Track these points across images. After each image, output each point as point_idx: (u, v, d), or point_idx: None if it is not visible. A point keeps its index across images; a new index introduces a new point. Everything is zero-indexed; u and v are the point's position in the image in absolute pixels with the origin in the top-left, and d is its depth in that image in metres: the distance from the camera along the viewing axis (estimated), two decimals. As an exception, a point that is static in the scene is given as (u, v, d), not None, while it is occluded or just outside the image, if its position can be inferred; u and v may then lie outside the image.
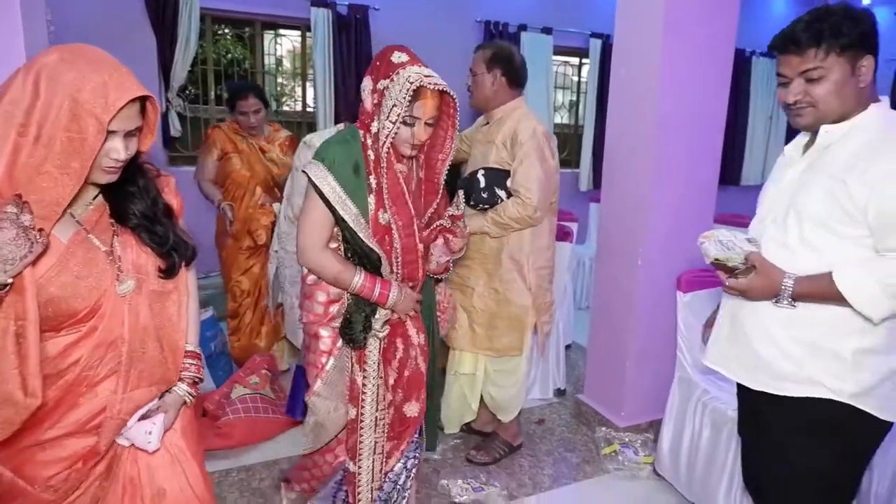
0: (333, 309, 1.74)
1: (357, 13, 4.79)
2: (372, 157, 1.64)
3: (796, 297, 1.37)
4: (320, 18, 4.66)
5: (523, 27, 5.51)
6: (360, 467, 1.79)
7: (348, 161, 1.63)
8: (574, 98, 6.28)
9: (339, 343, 1.75)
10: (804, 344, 1.39)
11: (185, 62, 4.35)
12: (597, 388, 2.96)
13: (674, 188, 2.61)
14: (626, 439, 2.70)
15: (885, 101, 1.40)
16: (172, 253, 1.22)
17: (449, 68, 2.32)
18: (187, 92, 4.82)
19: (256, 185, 3.10)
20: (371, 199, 1.64)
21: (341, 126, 1.94)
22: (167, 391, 1.28)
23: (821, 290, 1.33)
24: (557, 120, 6.18)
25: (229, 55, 5.99)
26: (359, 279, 1.67)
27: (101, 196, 1.18)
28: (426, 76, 1.56)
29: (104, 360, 1.14)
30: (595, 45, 5.68)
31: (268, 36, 5.06)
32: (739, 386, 1.58)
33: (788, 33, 1.37)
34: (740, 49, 5.81)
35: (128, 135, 1.08)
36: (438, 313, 1.98)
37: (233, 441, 2.56)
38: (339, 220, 1.64)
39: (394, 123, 1.57)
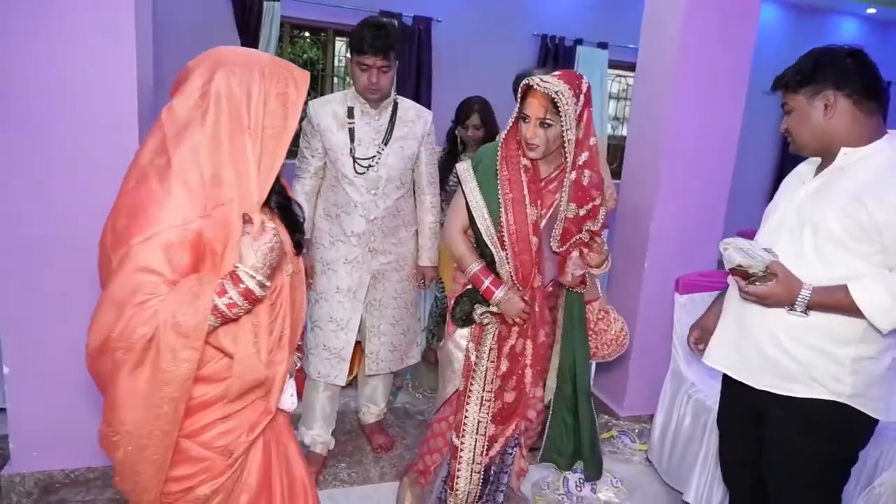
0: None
1: (421, 24, 5.18)
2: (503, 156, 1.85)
3: (811, 307, 1.44)
4: (387, 28, 5.09)
5: (579, 41, 5.74)
6: (462, 442, 1.93)
7: (493, 163, 1.84)
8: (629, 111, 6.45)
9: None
10: (810, 348, 1.49)
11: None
12: (603, 381, 3.21)
13: (681, 202, 2.83)
14: (625, 427, 2.94)
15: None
16: (297, 232, 1.31)
17: (506, 80, 2.61)
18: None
19: None
20: (501, 201, 1.82)
21: None
22: None
23: (835, 301, 1.42)
24: (609, 132, 6.37)
25: (305, 56, 6.52)
26: (475, 267, 1.87)
27: None
28: (541, 78, 1.71)
29: (274, 332, 1.22)
30: (649, 61, 5.84)
31: (340, 41, 5.53)
32: (730, 384, 1.69)
33: (776, 77, 1.58)
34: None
35: None
36: (590, 333, 2.03)
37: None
38: (469, 213, 1.86)
39: (512, 119, 1.80)
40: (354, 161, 2.20)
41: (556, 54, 5.66)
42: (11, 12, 1.93)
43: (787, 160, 6.51)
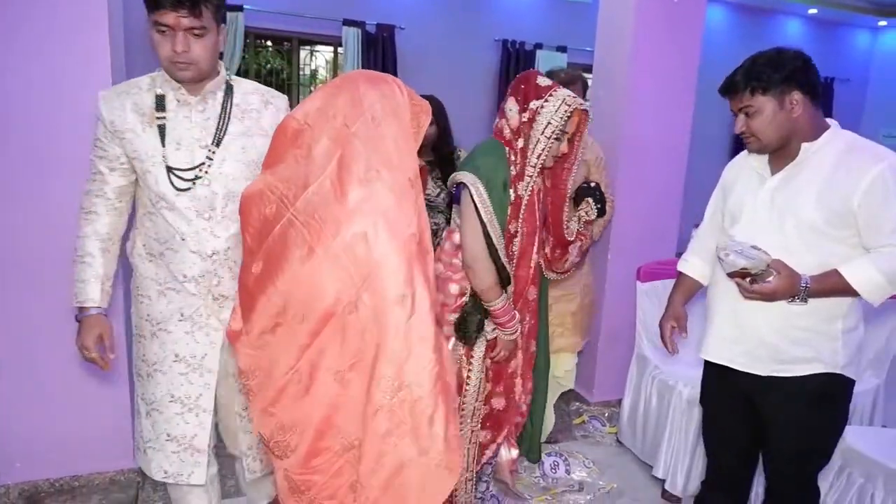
0: (461, 301, 1.91)
1: (384, 31, 5.28)
2: (514, 171, 1.83)
3: (810, 295, 1.54)
4: (351, 36, 5.17)
5: (539, 45, 5.91)
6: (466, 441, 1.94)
7: (501, 178, 1.81)
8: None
9: (453, 338, 1.90)
10: (805, 330, 1.61)
11: (231, 72, 4.89)
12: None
13: (640, 195, 2.99)
14: (595, 412, 3.08)
15: (835, 123, 1.64)
16: None
17: (470, 83, 2.72)
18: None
19: None
20: (520, 224, 1.85)
21: None
22: None
23: (831, 286, 1.53)
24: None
25: (269, 65, 6.55)
26: (503, 300, 1.85)
27: None
28: (574, 97, 1.81)
29: None
30: (606, 63, 6.05)
31: (304, 51, 5.59)
32: (720, 371, 1.77)
33: (728, 80, 1.67)
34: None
35: None
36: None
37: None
38: (485, 235, 1.79)
39: (548, 139, 1.78)
40: (171, 173, 1.55)
41: (517, 58, 5.82)
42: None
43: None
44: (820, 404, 1.67)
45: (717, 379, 1.86)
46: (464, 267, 1.87)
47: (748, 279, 1.56)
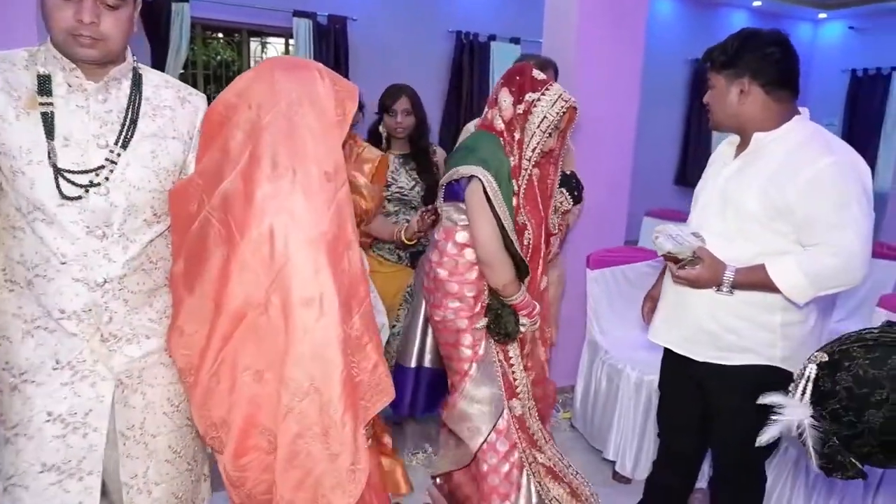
0: (482, 302, 1.86)
1: (336, 23, 5.21)
2: (513, 162, 1.80)
3: (735, 286, 1.56)
4: (302, 28, 5.09)
5: (493, 37, 5.93)
6: (547, 455, 1.93)
7: (506, 169, 1.78)
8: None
9: (482, 345, 1.84)
10: (742, 319, 1.61)
11: (177, 66, 4.78)
12: (530, 357, 3.38)
13: (589, 184, 3.01)
14: (550, 399, 3.12)
15: (805, 112, 1.62)
16: None
17: (424, 75, 2.69)
18: (179, 93, 5.24)
19: None
20: (525, 214, 1.83)
21: None
22: None
23: (756, 280, 1.54)
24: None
25: (219, 57, 6.41)
26: (523, 292, 1.84)
27: None
28: (567, 93, 1.82)
29: None
30: (559, 55, 6.12)
31: (254, 42, 5.48)
32: (672, 356, 1.81)
33: (708, 49, 1.67)
34: (698, 61, 6.24)
35: None
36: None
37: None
38: (500, 228, 1.76)
39: (543, 133, 1.78)
40: (59, 175, 1.21)
41: (470, 50, 5.83)
42: None
43: (689, 145, 6.97)
44: (755, 396, 1.64)
45: (671, 363, 1.90)
46: (479, 265, 1.82)
47: (678, 264, 1.59)
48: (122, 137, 1.26)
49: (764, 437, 1.34)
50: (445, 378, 2.03)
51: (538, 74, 1.83)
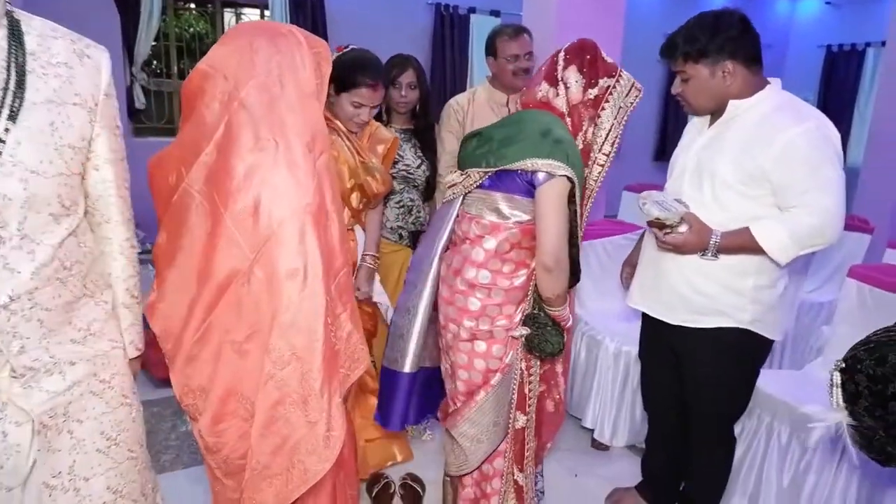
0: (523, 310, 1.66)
1: (314, -5, 5.10)
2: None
3: (720, 250, 1.59)
4: (277, -2, 4.98)
5: (472, 10, 5.85)
6: (526, 475, 1.77)
7: (581, 165, 1.58)
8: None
9: (510, 355, 1.64)
10: (714, 283, 1.66)
11: (148, 38, 4.65)
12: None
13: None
14: (530, 371, 3.17)
15: (777, 82, 1.66)
16: None
17: (403, 48, 2.59)
18: (152, 66, 5.11)
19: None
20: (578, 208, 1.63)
21: None
22: None
23: (741, 243, 1.57)
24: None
25: (192, 29, 6.25)
26: (566, 304, 1.65)
27: None
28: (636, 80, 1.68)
29: None
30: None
31: (228, 13, 5.35)
32: (651, 323, 1.86)
33: (666, 42, 1.69)
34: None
35: None
36: None
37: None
38: (572, 234, 1.60)
39: (620, 125, 1.64)
40: None
41: (451, 22, 5.76)
42: None
43: (668, 121, 7.01)
44: (730, 359, 1.74)
45: (648, 331, 1.95)
46: (538, 269, 1.58)
47: (664, 230, 1.61)
48: (6, 106, 0.92)
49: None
50: (440, 375, 1.85)
51: (607, 56, 1.66)
